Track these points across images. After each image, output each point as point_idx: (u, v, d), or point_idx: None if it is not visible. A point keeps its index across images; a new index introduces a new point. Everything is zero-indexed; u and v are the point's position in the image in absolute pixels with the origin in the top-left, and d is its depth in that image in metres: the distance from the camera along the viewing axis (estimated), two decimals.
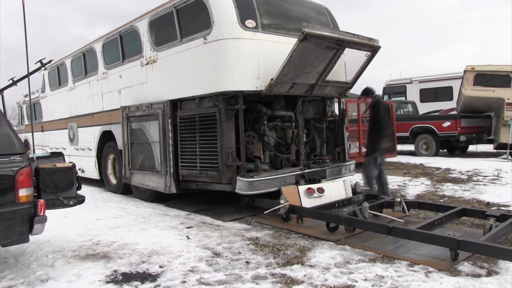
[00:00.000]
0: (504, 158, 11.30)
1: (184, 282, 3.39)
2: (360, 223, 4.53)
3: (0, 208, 3.26)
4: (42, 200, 3.50)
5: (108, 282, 3.43)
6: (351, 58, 6.08)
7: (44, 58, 7.30)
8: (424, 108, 15.87)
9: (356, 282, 3.29)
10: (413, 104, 15.58)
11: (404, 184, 8.06)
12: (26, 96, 12.77)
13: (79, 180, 4.06)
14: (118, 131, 7.57)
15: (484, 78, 12.12)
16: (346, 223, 4.57)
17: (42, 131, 11.57)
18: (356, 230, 4.60)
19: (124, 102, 7.36)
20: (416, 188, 7.60)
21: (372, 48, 5.93)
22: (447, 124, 12.89)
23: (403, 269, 3.55)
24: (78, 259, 4.02)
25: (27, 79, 5.18)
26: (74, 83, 9.49)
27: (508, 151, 11.41)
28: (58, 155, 4.52)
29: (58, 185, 3.80)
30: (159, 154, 6.33)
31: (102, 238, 4.70)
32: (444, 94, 16.06)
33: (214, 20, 5.41)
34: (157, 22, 6.57)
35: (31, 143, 8.10)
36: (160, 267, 3.74)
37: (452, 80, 15.60)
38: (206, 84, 5.59)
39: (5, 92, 6.82)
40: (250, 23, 5.47)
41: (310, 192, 5.54)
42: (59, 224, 5.28)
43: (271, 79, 5.31)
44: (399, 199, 5.19)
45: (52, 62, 9.63)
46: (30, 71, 5.72)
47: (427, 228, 4.13)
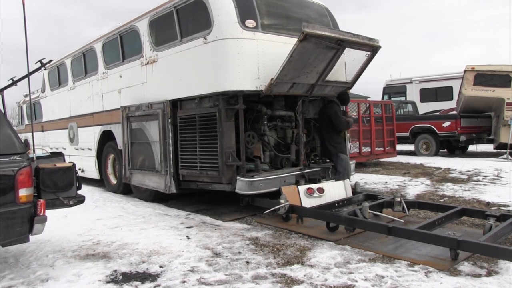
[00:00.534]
0: (504, 158, 11.30)
1: (184, 282, 3.39)
2: (360, 223, 4.53)
3: (0, 208, 3.26)
4: (42, 200, 3.50)
5: (108, 282, 3.43)
6: (351, 58, 6.08)
7: (44, 58, 7.30)
8: (424, 108, 15.87)
9: (356, 282, 3.29)
10: (413, 104, 15.58)
11: (404, 184, 8.07)
12: (26, 96, 12.77)
13: (79, 180, 4.06)
14: (118, 131, 7.57)
15: (484, 78, 12.11)
16: (346, 223, 4.57)
17: (42, 131, 11.57)
18: (356, 230, 4.59)
19: (124, 102, 7.36)
20: (416, 188, 7.60)
21: (372, 48, 5.93)
22: (447, 124, 12.89)
23: (403, 269, 3.55)
24: (78, 259, 4.02)
25: (27, 79, 5.19)
26: (74, 83, 9.49)
27: (508, 151, 11.41)
28: (58, 155, 4.52)
29: (58, 185, 3.80)
30: (159, 154, 6.33)
31: (102, 238, 4.70)
32: (444, 94, 16.06)
33: (214, 20, 5.41)
34: (157, 22, 6.57)
35: (31, 143, 8.11)
36: (160, 267, 3.74)
37: (452, 80, 15.60)
38: (206, 84, 5.59)
39: (5, 92, 6.83)
40: (250, 23, 5.47)
41: (310, 192, 5.54)
42: (59, 224, 5.28)
43: (271, 79, 5.31)
44: (399, 199, 5.19)
45: (52, 62, 9.63)
46: (30, 71, 5.72)
47: (427, 228, 4.13)
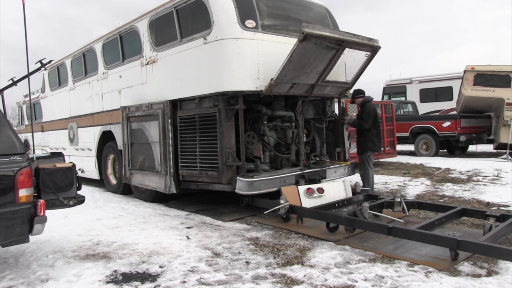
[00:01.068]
0: (504, 158, 11.30)
1: (184, 282, 3.39)
2: (360, 223, 4.53)
3: (0, 208, 3.26)
4: (42, 200, 3.50)
5: (108, 282, 3.43)
6: (351, 58, 6.08)
7: (44, 58, 7.33)
8: (424, 108, 15.87)
9: (356, 282, 3.29)
10: (413, 104, 15.58)
11: (404, 184, 8.07)
12: (26, 96, 12.78)
13: (79, 180, 4.06)
14: (118, 131, 7.57)
15: (484, 78, 12.11)
16: (346, 223, 4.57)
17: (42, 131, 11.57)
18: (356, 230, 4.60)
19: (124, 102, 7.36)
20: (416, 188, 7.60)
21: (372, 48, 5.93)
22: (447, 124, 12.89)
23: (403, 269, 3.55)
24: (78, 259, 4.02)
25: (27, 79, 5.19)
26: (74, 83, 9.49)
27: (508, 151, 11.41)
28: (58, 155, 4.52)
29: (58, 185, 3.80)
30: (159, 154, 6.33)
31: (102, 238, 4.70)
32: (444, 94, 16.06)
33: (214, 20, 5.41)
34: (157, 22, 6.57)
35: (31, 143, 8.11)
36: (160, 267, 3.74)
37: (452, 80, 15.60)
38: (206, 84, 5.59)
39: (5, 92, 6.84)
40: (250, 23, 5.47)
41: (310, 192, 5.53)
42: (59, 224, 5.29)
43: (271, 79, 5.31)
44: (399, 199, 5.19)
45: (52, 62, 9.64)
46: (30, 71, 5.73)
47: (427, 228, 4.13)
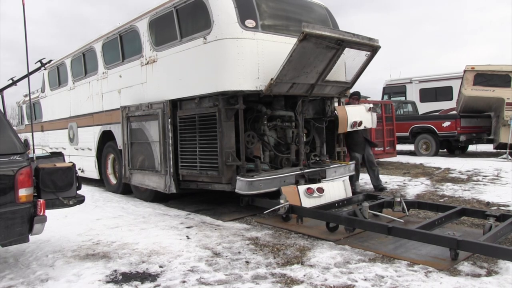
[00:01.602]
0: (504, 158, 11.30)
1: (184, 282, 3.39)
2: (360, 223, 4.53)
3: (0, 208, 3.26)
4: (42, 200, 3.50)
5: (108, 282, 3.43)
6: (351, 58, 6.08)
7: (44, 58, 7.33)
8: (424, 108, 15.87)
9: (356, 282, 3.29)
10: (413, 104, 15.58)
11: (404, 184, 8.07)
12: (26, 96, 12.78)
13: (79, 180, 4.06)
14: (118, 131, 7.57)
15: (484, 78, 12.11)
16: (346, 223, 4.57)
17: (42, 131, 11.57)
18: (356, 230, 4.59)
19: (124, 102, 7.36)
20: (416, 188, 7.60)
21: (372, 48, 5.93)
22: (447, 124, 12.89)
23: (403, 269, 3.55)
24: (78, 259, 4.02)
25: (27, 79, 5.19)
26: (74, 83, 9.49)
27: (508, 151, 11.41)
28: (58, 155, 4.52)
29: (58, 185, 3.80)
30: (159, 154, 6.33)
31: (102, 238, 4.70)
32: (444, 94, 16.06)
33: (214, 20, 5.41)
34: (157, 22, 6.56)
35: (31, 143, 8.10)
36: (160, 267, 3.74)
37: (452, 80, 15.60)
38: (206, 84, 5.59)
39: (5, 92, 6.84)
40: (250, 23, 5.47)
41: (310, 192, 5.54)
42: (59, 224, 5.28)
43: (271, 79, 5.31)
44: (399, 199, 5.19)
45: (52, 62, 9.64)
46: (30, 71, 5.73)
47: (427, 228, 4.13)
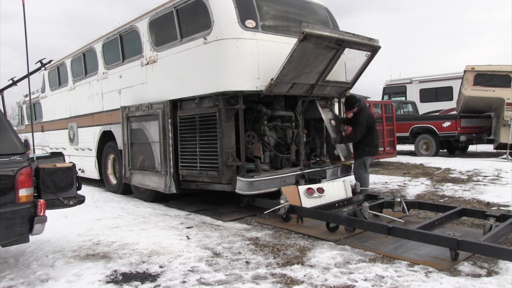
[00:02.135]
0: (504, 158, 11.30)
1: (184, 282, 3.39)
2: (360, 223, 4.53)
3: (0, 208, 3.26)
4: (42, 200, 3.50)
5: (108, 282, 3.43)
6: (351, 58, 6.08)
7: (44, 58, 7.32)
8: (424, 108, 15.87)
9: (356, 282, 3.29)
10: (413, 104, 15.58)
11: (404, 184, 8.07)
12: (26, 96, 12.77)
13: (79, 180, 4.06)
14: (118, 131, 7.57)
15: (484, 78, 12.11)
16: (346, 223, 4.57)
17: (42, 131, 11.57)
18: (356, 230, 4.60)
19: (124, 102, 7.36)
20: (416, 188, 7.60)
21: (372, 48, 5.93)
22: (447, 124, 12.89)
23: (403, 269, 3.55)
24: (78, 259, 4.02)
25: (27, 79, 5.19)
26: (74, 83, 9.49)
27: (508, 151, 11.41)
28: (58, 155, 4.52)
29: (58, 185, 3.80)
30: (159, 154, 6.33)
31: (102, 238, 4.70)
32: (444, 94, 16.06)
33: (214, 20, 5.41)
34: (157, 22, 6.56)
35: (31, 143, 8.11)
36: (160, 267, 3.74)
37: (452, 80, 15.60)
38: (206, 84, 5.59)
39: (5, 92, 6.84)
40: (250, 23, 5.47)
41: (310, 192, 5.53)
42: (59, 224, 5.28)
43: (271, 79, 5.31)
44: (399, 199, 5.19)
45: (52, 62, 9.63)
46: (30, 71, 5.73)
47: (427, 228, 4.13)
